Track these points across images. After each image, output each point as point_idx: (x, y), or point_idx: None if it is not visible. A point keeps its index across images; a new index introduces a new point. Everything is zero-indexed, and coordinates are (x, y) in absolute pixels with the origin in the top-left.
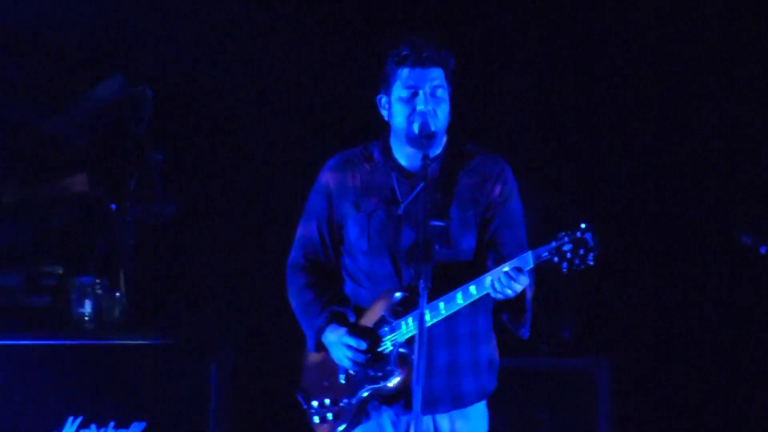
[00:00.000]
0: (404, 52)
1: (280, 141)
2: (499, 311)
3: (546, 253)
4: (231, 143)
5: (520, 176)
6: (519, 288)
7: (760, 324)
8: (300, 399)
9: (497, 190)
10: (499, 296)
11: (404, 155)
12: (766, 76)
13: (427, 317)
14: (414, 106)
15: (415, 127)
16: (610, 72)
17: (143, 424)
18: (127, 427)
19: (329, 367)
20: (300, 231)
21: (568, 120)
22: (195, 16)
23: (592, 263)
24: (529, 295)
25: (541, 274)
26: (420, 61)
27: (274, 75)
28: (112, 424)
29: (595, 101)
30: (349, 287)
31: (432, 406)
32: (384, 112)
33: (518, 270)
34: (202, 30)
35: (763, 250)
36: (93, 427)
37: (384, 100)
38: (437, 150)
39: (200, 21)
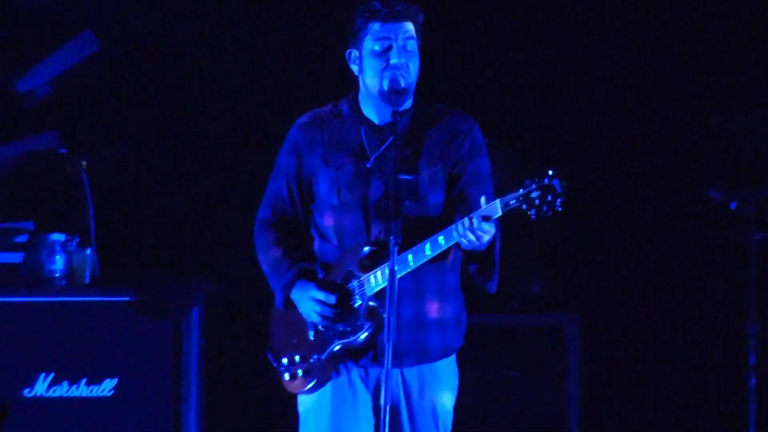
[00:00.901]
0: (376, 6)
1: (251, 99)
2: (468, 263)
3: (514, 201)
4: (201, 100)
5: (492, 135)
6: (486, 236)
7: (730, 282)
8: (269, 357)
9: (466, 146)
10: (465, 243)
11: (373, 110)
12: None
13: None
14: (387, 60)
15: (385, 84)
16: (583, 40)
17: (115, 381)
18: (99, 383)
19: (298, 323)
20: (269, 188)
21: (540, 80)
22: None
23: (560, 209)
24: (497, 247)
25: (510, 229)
26: (392, 15)
27: (239, 38)
28: (83, 380)
29: (568, 67)
30: (317, 244)
31: (398, 359)
32: (354, 67)
33: (486, 218)
34: None
35: (733, 206)
36: (65, 384)
37: (354, 54)
38: (407, 106)
39: None
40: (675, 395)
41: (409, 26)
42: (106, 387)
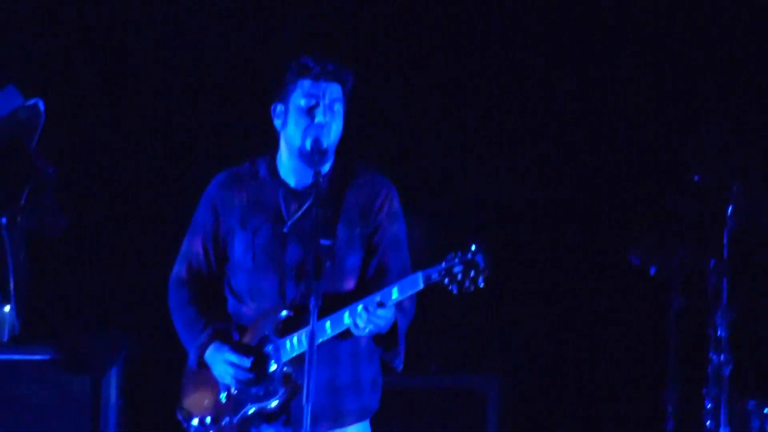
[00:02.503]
0: (309, 64)
1: (171, 155)
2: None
3: (436, 275)
4: (122, 155)
5: (408, 197)
6: (382, 322)
7: (648, 345)
8: (180, 417)
9: (384, 211)
10: (364, 333)
11: (292, 172)
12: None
13: None
14: (313, 118)
15: (308, 143)
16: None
17: None
18: None
19: (210, 384)
20: (185, 245)
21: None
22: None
23: (482, 285)
24: (402, 326)
25: (427, 290)
26: (323, 75)
27: (165, 85)
28: None
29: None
30: (231, 305)
31: (312, 423)
32: (278, 122)
33: (380, 304)
34: (92, 38)
35: (652, 271)
36: None
37: (279, 108)
38: (327, 166)
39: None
40: None
41: (338, 88)
42: None
